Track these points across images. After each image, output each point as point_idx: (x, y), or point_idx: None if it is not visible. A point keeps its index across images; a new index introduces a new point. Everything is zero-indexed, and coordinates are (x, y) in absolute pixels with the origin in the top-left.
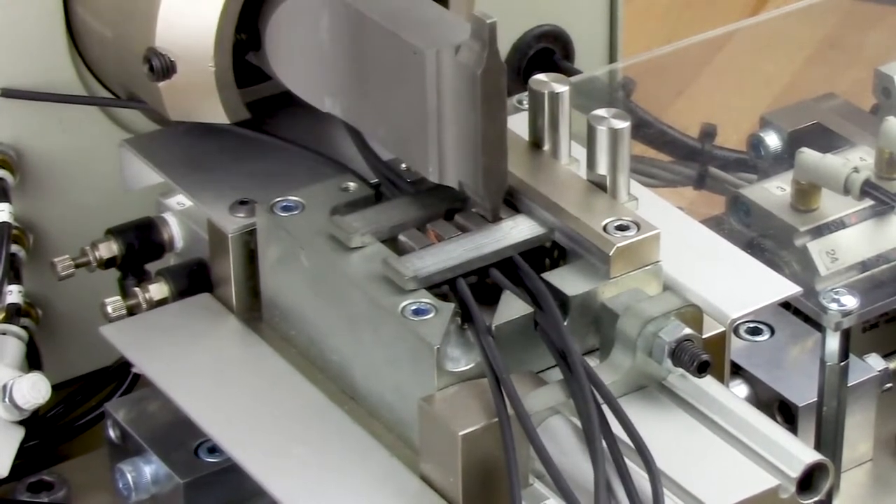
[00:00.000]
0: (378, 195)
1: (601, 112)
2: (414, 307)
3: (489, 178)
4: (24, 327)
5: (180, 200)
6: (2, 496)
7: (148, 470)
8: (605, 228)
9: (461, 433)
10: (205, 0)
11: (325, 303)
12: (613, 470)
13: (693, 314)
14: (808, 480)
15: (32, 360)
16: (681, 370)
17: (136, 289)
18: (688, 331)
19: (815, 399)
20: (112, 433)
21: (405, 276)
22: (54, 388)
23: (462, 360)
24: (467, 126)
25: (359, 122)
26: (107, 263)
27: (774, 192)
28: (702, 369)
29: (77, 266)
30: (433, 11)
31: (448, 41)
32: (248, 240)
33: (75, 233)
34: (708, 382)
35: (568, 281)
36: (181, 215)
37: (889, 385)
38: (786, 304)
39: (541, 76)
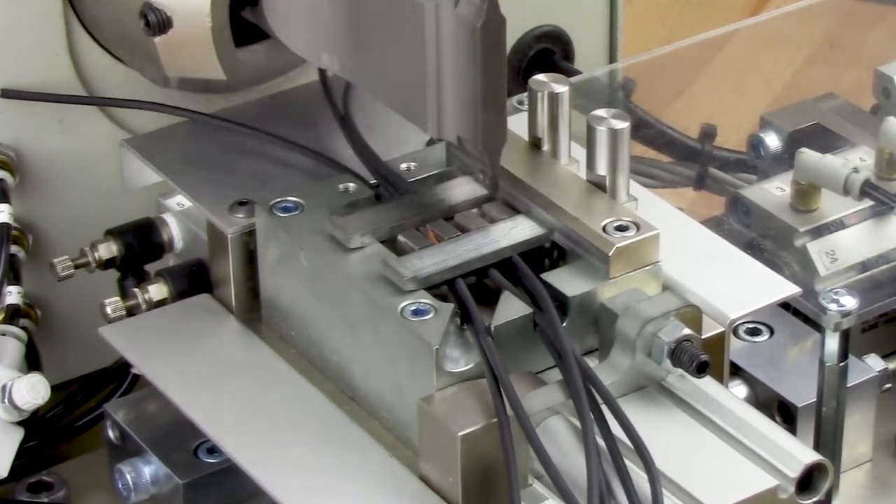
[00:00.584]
0: (377, 195)
1: (601, 112)
2: (413, 307)
3: (488, 133)
4: (24, 328)
5: (180, 201)
6: (2, 496)
7: (147, 470)
8: (604, 229)
9: (460, 433)
10: None
11: (324, 303)
12: (613, 470)
13: (692, 314)
14: (808, 481)
15: (32, 361)
16: (680, 370)
17: (136, 289)
18: (687, 331)
19: (815, 399)
20: (111, 434)
21: (404, 276)
22: (54, 388)
23: (461, 361)
24: (466, 80)
25: (357, 79)
26: (106, 264)
27: (774, 192)
28: (701, 370)
29: (76, 267)
30: None
31: None
32: (248, 240)
33: (75, 233)
34: (707, 383)
35: (567, 281)
36: (181, 216)
37: (888, 385)
38: (785, 305)
39: (541, 76)
